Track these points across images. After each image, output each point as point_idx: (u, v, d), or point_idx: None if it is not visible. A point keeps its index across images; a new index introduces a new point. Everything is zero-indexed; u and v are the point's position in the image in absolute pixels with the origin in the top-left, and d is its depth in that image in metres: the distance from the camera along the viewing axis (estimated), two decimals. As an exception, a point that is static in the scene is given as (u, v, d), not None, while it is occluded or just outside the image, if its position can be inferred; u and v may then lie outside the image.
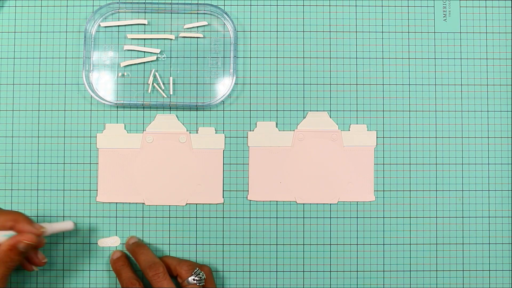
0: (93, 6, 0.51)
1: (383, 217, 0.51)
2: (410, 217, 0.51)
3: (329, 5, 0.52)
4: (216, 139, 0.51)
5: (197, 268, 0.47)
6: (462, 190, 0.51)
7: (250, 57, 0.51)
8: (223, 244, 0.50)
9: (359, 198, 0.51)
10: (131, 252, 0.49)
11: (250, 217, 0.51)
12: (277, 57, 0.51)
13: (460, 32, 0.52)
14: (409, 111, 0.51)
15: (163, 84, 0.51)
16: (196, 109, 0.51)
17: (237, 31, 0.51)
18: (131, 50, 0.51)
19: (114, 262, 0.49)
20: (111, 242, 0.50)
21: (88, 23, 0.50)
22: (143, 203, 0.51)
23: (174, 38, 0.51)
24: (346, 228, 0.51)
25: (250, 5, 0.52)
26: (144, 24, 0.51)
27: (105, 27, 0.51)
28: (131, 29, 0.51)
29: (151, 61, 0.51)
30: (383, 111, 0.51)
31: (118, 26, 0.51)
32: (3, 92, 0.51)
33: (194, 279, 0.46)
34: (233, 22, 0.50)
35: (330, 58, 0.51)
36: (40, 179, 0.50)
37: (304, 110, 0.51)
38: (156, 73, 0.51)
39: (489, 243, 0.51)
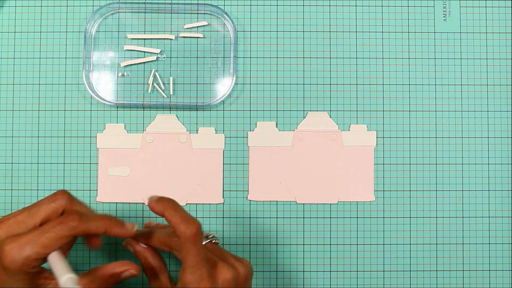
0: (93, 6, 0.51)
1: (383, 217, 0.51)
2: (410, 217, 0.51)
3: (329, 5, 0.52)
4: (216, 139, 0.51)
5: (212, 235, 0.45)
6: (462, 190, 0.51)
7: (250, 57, 0.51)
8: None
9: (359, 198, 0.51)
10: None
11: (250, 217, 0.51)
12: (277, 57, 0.51)
13: (460, 32, 0.52)
14: (409, 111, 0.51)
15: (163, 84, 0.51)
16: (196, 109, 0.51)
17: (237, 31, 0.51)
18: (131, 50, 0.51)
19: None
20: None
21: (88, 23, 0.50)
22: (143, 203, 0.51)
23: (174, 38, 0.51)
24: (346, 228, 0.51)
25: (250, 5, 0.52)
26: (144, 24, 0.51)
27: (105, 26, 0.51)
28: (131, 29, 0.51)
29: (151, 61, 0.51)
30: (383, 111, 0.51)
31: (118, 26, 0.51)
32: (3, 92, 0.51)
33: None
34: (233, 22, 0.50)
35: (330, 58, 0.51)
36: (40, 179, 0.50)
37: (304, 110, 0.51)
38: (156, 73, 0.51)
39: (489, 243, 0.51)
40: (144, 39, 0.51)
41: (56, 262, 0.37)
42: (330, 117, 0.51)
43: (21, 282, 0.37)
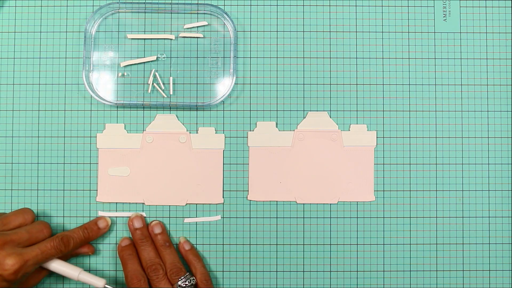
0: (93, 6, 0.51)
1: (383, 217, 0.51)
2: (410, 217, 0.51)
3: (329, 5, 0.52)
4: (216, 139, 0.51)
5: (187, 273, 0.47)
6: (462, 190, 0.51)
7: (250, 57, 0.51)
8: (223, 244, 0.50)
9: (359, 198, 0.51)
10: (134, 243, 0.49)
11: (250, 217, 0.51)
12: (277, 57, 0.51)
13: (460, 32, 0.52)
14: (409, 111, 0.51)
15: (163, 84, 0.51)
16: (196, 109, 0.51)
17: (237, 31, 0.51)
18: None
19: (122, 249, 0.49)
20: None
21: (88, 23, 0.50)
22: (143, 203, 0.51)
23: (174, 38, 0.51)
24: (346, 228, 0.51)
25: (250, 5, 0.52)
26: (144, 24, 0.51)
27: (105, 26, 0.51)
28: (131, 29, 0.51)
29: (151, 61, 0.51)
30: (383, 111, 0.51)
31: (118, 26, 0.51)
32: (3, 92, 0.51)
33: (180, 285, 0.46)
34: (233, 22, 0.50)
35: (330, 58, 0.51)
36: (40, 179, 0.50)
37: (304, 110, 0.51)
38: (156, 73, 0.51)
39: (489, 243, 0.51)
40: (144, 39, 0.51)
41: (61, 269, 0.46)
42: (330, 117, 0.51)
43: (19, 283, 0.45)
